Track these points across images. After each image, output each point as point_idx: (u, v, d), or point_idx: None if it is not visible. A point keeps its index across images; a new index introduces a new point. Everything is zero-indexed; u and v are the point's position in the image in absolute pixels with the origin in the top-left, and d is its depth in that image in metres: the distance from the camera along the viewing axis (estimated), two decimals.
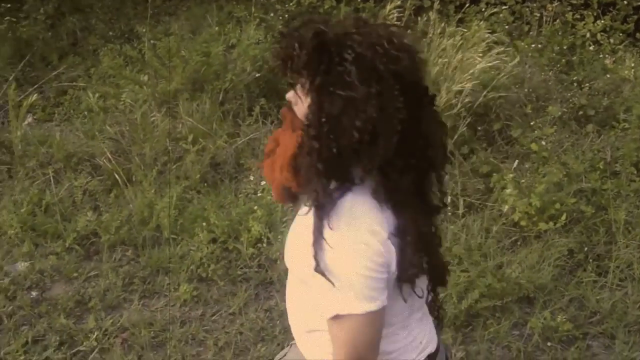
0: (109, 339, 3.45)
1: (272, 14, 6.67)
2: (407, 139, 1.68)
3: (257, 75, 5.43)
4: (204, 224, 4.06)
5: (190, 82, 5.34)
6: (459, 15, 6.20)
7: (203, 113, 5.07)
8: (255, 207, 4.10)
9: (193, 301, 3.69)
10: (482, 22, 5.84)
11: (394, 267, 1.74)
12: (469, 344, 3.56)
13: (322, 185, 1.70)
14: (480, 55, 5.24)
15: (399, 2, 5.72)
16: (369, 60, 1.63)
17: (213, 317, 3.62)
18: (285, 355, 2.31)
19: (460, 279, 3.81)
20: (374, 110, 1.62)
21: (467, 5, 6.43)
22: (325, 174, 1.70)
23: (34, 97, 5.18)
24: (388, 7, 5.62)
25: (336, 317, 1.73)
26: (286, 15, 6.72)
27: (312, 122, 1.69)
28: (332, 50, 1.65)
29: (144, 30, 6.27)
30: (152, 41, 5.91)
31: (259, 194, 4.27)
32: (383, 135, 1.65)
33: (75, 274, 3.88)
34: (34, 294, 3.76)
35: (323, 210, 1.69)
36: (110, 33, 6.62)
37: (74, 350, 3.39)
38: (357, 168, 1.70)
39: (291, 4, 6.79)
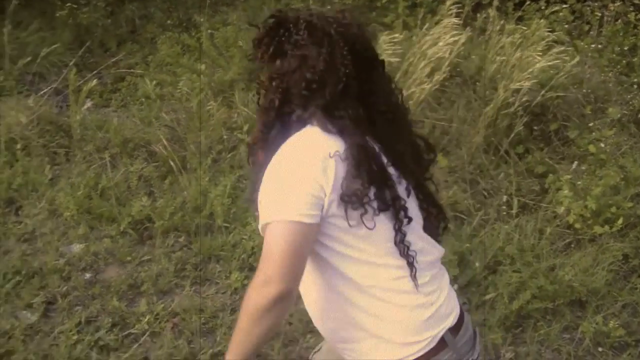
0: (159, 323, 3.49)
1: (329, 7, 6.66)
2: (351, 89, 1.95)
3: None
4: (256, 213, 4.07)
5: (246, 73, 5.37)
6: (519, 13, 6.12)
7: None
8: None
9: (244, 289, 3.69)
10: (541, 20, 5.75)
11: (330, 187, 1.85)
12: (518, 345, 3.53)
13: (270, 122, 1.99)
14: (540, 54, 5.17)
15: None
16: (320, 26, 1.95)
17: None
18: (320, 348, 2.39)
19: (512, 279, 3.78)
20: (322, 64, 1.92)
21: (527, 3, 6.34)
22: (276, 116, 1.98)
23: (93, 82, 5.26)
24: (448, 2, 5.57)
25: (265, 226, 1.86)
26: (342, 9, 6.69)
27: (269, 82, 1.99)
28: (289, 24, 1.97)
29: (202, 19, 6.33)
30: (209, 31, 5.96)
31: None
32: (329, 85, 1.93)
33: (128, 258, 3.93)
34: (87, 275, 3.82)
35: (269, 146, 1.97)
36: (169, 22, 6.68)
37: (125, 333, 3.44)
38: (305, 111, 1.96)
39: None
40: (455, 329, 2.02)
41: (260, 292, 1.84)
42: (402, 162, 2.04)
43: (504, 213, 4.38)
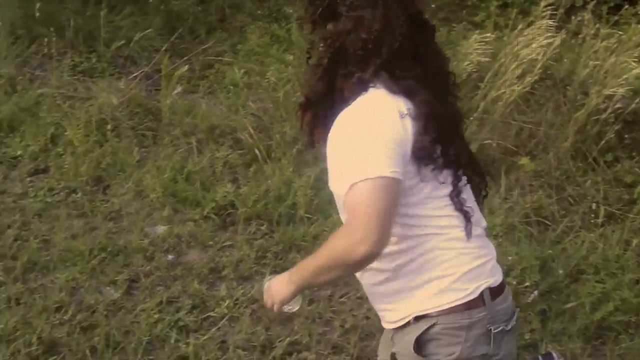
0: (239, 308, 3.54)
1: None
2: (406, 49, 1.95)
3: None
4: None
5: None
6: (615, 17, 5.97)
7: None
8: None
9: None
10: (639, 25, 5.60)
11: (409, 146, 1.88)
12: (597, 357, 3.46)
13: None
14: (635, 60, 5.04)
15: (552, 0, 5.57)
16: None
17: (341, 299, 3.65)
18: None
19: (595, 289, 3.70)
20: (379, 25, 1.93)
21: (625, 7, 6.18)
22: (329, 77, 1.99)
23: (185, 68, 5.35)
24: (542, 3, 5.46)
25: (351, 187, 1.81)
26: (433, 5, 6.66)
27: (323, 42, 1.99)
28: None
29: (291, 11, 6.36)
30: (298, 22, 5.99)
31: None
32: (386, 44, 1.92)
33: (210, 242, 3.99)
34: (170, 257, 3.90)
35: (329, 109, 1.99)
36: (259, 12, 6.73)
37: (205, 315, 3.50)
38: (364, 72, 1.94)
39: None
40: (495, 292, 2.00)
41: (353, 247, 1.80)
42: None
43: (590, 221, 4.29)
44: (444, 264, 1.96)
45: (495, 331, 1.98)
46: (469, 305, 1.95)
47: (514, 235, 4.10)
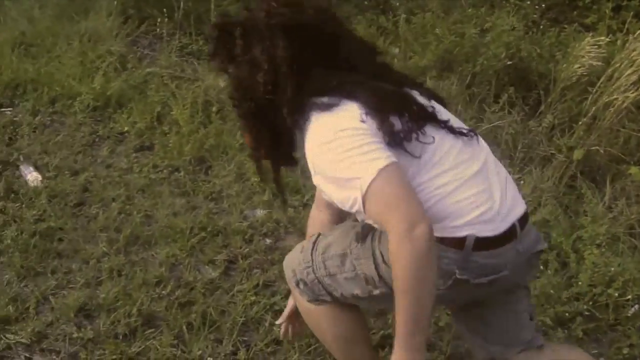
0: None
1: (528, 2, 6.49)
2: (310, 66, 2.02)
3: (509, 62, 5.31)
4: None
5: (439, 61, 5.33)
6: None
7: (449, 93, 5.04)
8: None
9: None
10: None
11: (381, 137, 1.93)
12: None
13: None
14: None
15: None
16: (250, 28, 2.03)
17: None
18: None
19: None
20: (265, 64, 1.98)
21: None
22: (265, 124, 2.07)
23: None
24: None
25: (364, 200, 1.85)
26: (543, 5, 6.53)
27: (233, 93, 2.10)
28: (226, 32, 2.07)
29: (398, 4, 6.32)
30: (404, 15, 5.95)
31: None
32: (282, 75, 1.98)
33: None
34: (268, 241, 3.93)
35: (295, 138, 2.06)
36: (366, 2, 6.71)
37: None
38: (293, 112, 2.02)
39: None
40: (483, 245, 2.04)
41: (411, 237, 1.76)
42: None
43: None
44: (438, 211, 2.01)
45: (459, 277, 2.03)
46: (445, 242, 2.00)
47: (618, 246, 3.97)
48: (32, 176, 4.35)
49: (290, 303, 2.79)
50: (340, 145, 1.90)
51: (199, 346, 3.14)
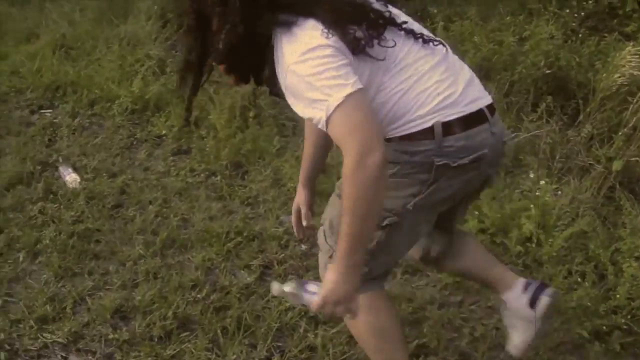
0: None
1: (567, 10, 6.43)
2: None
3: (548, 71, 5.27)
4: (476, 212, 4.02)
5: (477, 69, 5.29)
6: None
7: None
8: (531, 206, 3.98)
9: (454, 286, 3.67)
10: None
11: (346, 50, 2.03)
12: None
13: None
14: None
15: None
16: None
17: (471, 307, 3.58)
18: None
19: None
20: None
21: None
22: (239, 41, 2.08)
23: None
24: None
25: (328, 122, 1.96)
26: (582, 13, 6.46)
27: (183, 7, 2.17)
28: None
29: (436, 10, 6.30)
30: (442, 22, 5.92)
31: (536, 193, 4.14)
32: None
33: None
34: (303, 247, 3.93)
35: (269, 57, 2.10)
36: (403, 9, 6.65)
37: None
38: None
39: (589, 2, 6.50)
40: (450, 129, 2.18)
41: (365, 164, 1.91)
42: None
43: None
44: (403, 105, 2.15)
45: (438, 164, 2.18)
46: (416, 137, 2.16)
47: None
48: (70, 177, 4.41)
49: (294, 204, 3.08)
50: (310, 66, 1.99)
51: (234, 351, 3.15)
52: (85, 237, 3.89)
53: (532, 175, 4.35)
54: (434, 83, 2.18)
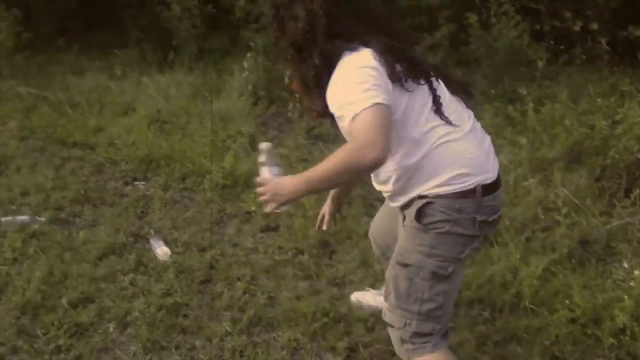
0: None
1: None
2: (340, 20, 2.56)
3: None
4: (566, 301, 3.92)
5: (568, 152, 5.25)
6: None
7: (577, 186, 4.94)
8: (625, 296, 3.87)
9: None
10: None
11: (386, 77, 2.46)
12: None
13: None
14: None
15: None
16: None
17: None
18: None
19: None
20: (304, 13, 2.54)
21: None
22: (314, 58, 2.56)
23: None
24: None
25: (354, 119, 2.35)
26: None
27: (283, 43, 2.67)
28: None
29: (525, 92, 6.28)
30: (532, 104, 5.90)
31: (630, 283, 4.02)
32: (318, 20, 2.52)
33: None
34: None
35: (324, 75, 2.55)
36: (492, 91, 6.70)
37: None
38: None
39: None
40: (487, 190, 2.60)
41: (362, 151, 2.29)
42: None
43: None
44: (442, 165, 2.56)
45: (479, 219, 2.59)
46: (462, 195, 2.56)
47: None
48: (161, 250, 4.51)
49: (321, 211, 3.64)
50: (355, 76, 2.42)
51: None
52: (173, 311, 3.95)
53: (625, 265, 4.24)
54: (471, 146, 2.61)
